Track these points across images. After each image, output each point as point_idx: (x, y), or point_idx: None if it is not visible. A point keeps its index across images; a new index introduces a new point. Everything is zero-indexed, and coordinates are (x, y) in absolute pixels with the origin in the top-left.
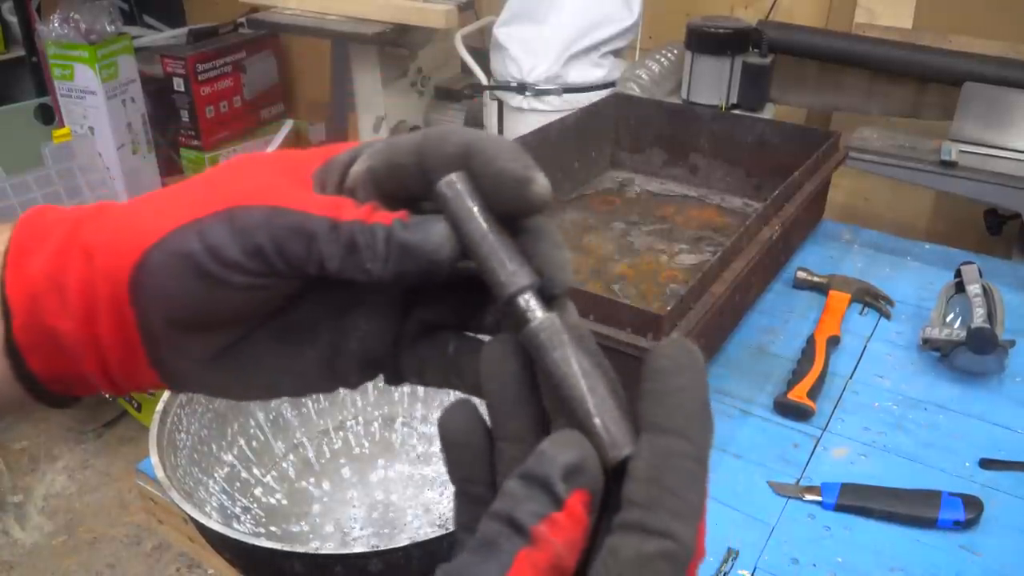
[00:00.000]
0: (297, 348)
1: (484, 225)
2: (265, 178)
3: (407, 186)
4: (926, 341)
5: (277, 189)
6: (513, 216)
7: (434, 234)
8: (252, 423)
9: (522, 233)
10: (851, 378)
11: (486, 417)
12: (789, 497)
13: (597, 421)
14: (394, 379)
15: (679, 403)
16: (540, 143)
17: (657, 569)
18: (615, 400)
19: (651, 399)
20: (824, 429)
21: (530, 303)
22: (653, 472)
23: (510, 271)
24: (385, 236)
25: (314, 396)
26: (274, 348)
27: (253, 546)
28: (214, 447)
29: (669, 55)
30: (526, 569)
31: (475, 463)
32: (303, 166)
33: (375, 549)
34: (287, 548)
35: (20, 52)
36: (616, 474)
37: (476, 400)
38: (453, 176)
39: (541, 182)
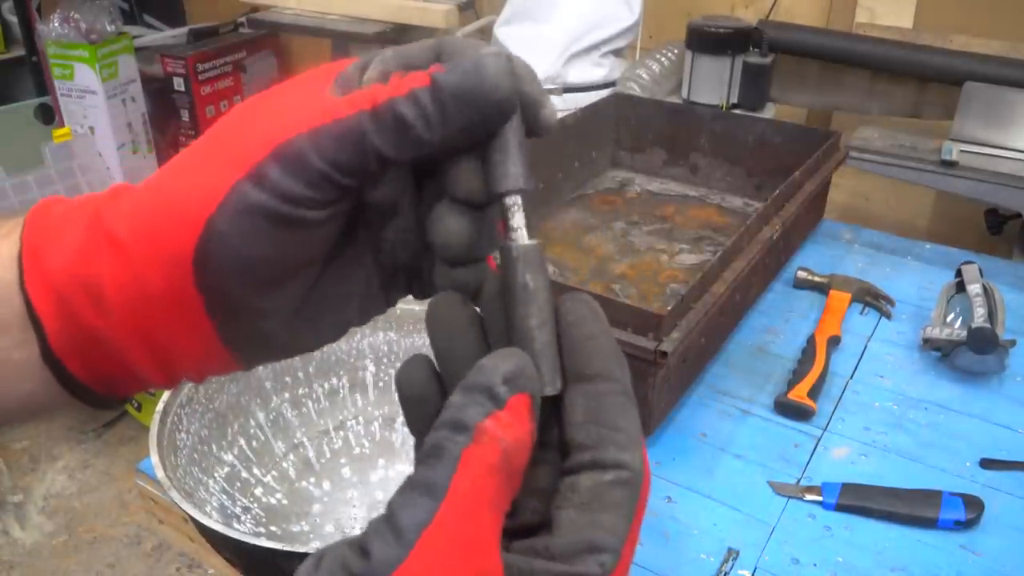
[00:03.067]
0: (353, 271)
1: (516, 122)
2: (284, 108)
3: None
4: (927, 341)
5: (302, 112)
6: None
7: (490, 71)
8: (252, 423)
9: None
10: (851, 378)
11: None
12: (789, 497)
13: (539, 350)
14: (421, 292)
15: (594, 350)
16: (540, 142)
17: (614, 494)
18: (555, 343)
19: (570, 352)
20: (824, 429)
21: (516, 211)
22: (590, 415)
23: (516, 171)
24: (431, 96)
25: (314, 396)
26: (337, 278)
27: (253, 546)
28: (214, 447)
29: (669, 55)
30: (478, 466)
31: (432, 413)
32: (314, 85)
33: None
34: (287, 548)
35: (20, 52)
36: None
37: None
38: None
39: (552, 108)
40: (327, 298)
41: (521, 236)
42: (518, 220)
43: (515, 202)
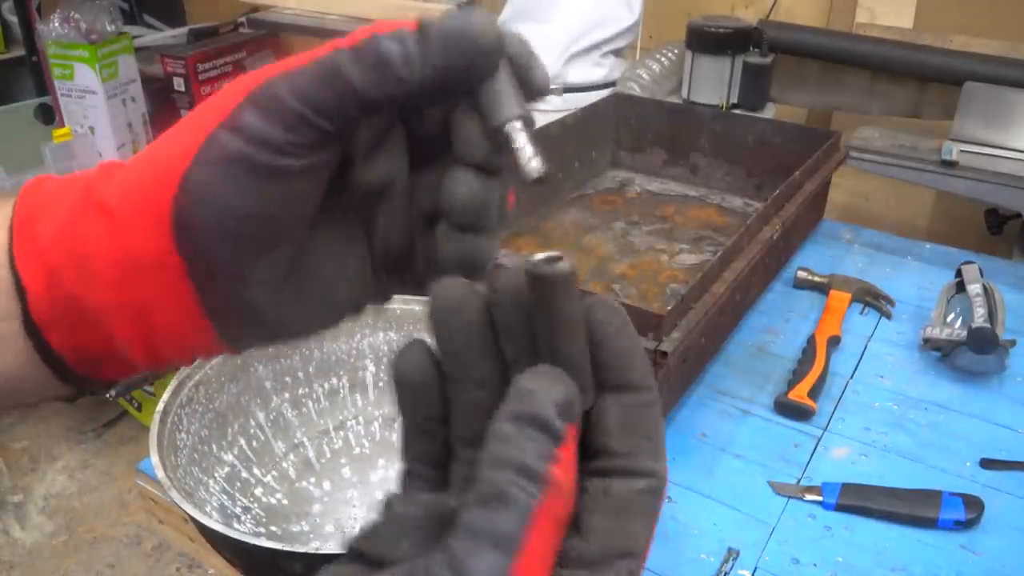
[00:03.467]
0: (343, 251)
1: (507, 69)
2: (272, 67)
3: None
4: (927, 341)
5: (285, 64)
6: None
7: (476, 19)
8: (252, 423)
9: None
10: (852, 378)
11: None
12: (790, 497)
13: (579, 374)
14: (415, 284)
15: (629, 362)
16: (541, 143)
17: (644, 501)
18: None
19: (608, 362)
20: (824, 429)
21: (521, 138)
22: (627, 424)
23: (511, 101)
24: (417, 35)
25: (314, 396)
26: (325, 254)
27: (253, 546)
28: (214, 447)
29: (670, 55)
30: (546, 520)
31: (431, 402)
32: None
33: None
34: (287, 548)
35: (20, 52)
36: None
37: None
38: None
39: (543, 68)
40: (314, 273)
41: (530, 157)
42: (524, 145)
43: (516, 128)
